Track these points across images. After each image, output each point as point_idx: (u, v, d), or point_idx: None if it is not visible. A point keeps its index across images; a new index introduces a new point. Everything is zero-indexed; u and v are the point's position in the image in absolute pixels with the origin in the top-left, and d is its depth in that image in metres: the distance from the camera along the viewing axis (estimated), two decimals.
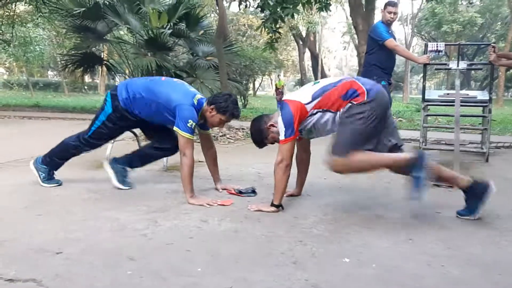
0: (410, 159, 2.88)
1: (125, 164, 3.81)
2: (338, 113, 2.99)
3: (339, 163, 2.95)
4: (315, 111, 3.03)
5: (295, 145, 3.28)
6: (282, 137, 3.04)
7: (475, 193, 2.95)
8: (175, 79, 3.75)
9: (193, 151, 3.36)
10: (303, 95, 3.07)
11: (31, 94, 24.72)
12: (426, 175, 2.80)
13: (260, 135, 3.28)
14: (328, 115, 3.03)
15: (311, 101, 3.02)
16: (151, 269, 2.11)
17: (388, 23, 5.59)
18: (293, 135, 3.02)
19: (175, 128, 3.33)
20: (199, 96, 3.51)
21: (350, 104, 2.94)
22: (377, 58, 5.56)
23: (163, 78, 3.75)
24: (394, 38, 5.66)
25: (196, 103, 3.41)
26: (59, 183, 3.76)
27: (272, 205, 3.11)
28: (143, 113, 3.56)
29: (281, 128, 3.04)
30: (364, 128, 2.90)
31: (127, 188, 3.71)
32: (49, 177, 3.76)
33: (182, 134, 3.30)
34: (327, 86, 3.05)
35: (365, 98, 2.90)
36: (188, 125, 3.30)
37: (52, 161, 3.77)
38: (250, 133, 3.41)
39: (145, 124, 3.74)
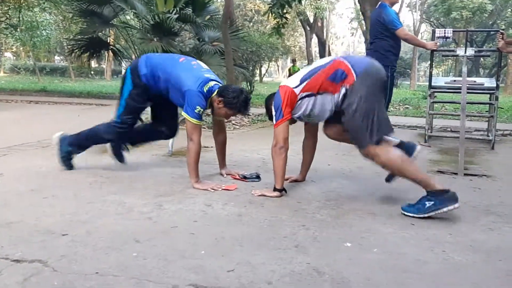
0: (438, 190, 2.75)
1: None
2: (336, 95, 2.97)
3: (370, 153, 2.89)
4: (304, 94, 3.03)
5: (304, 131, 3.44)
6: (274, 121, 3.10)
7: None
8: (194, 62, 3.67)
9: (200, 137, 3.38)
10: (293, 79, 3.11)
11: (38, 79, 24.75)
12: (436, 210, 2.70)
13: (268, 112, 3.32)
14: (321, 97, 3.02)
15: (299, 85, 3.04)
16: (156, 251, 2.13)
17: (392, 6, 5.50)
18: (282, 118, 3.05)
19: (183, 113, 3.34)
20: (212, 83, 3.42)
21: (343, 88, 2.92)
22: (391, 43, 5.43)
23: (182, 58, 3.65)
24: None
25: (206, 90, 3.36)
26: (70, 168, 3.79)
27: (275, 189, 3.13)
28: (161, 90, 3.53)
29: (273, 112, 3.10)
30: (367, 105, 2.87)
31: (119, 162, 3.80)
32: (67, 159, 3.76)
33: (189, 120, 3.31)
34: (315, 68, 3.05)
35: (354, 77, 2.89)
36: (196, 111, 3.29)
37: (77, 143, 3.77)
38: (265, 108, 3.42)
39: (159, 102, 3.71)
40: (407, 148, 3.08)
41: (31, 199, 2.95)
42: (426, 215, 2.71)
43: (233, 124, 7.04)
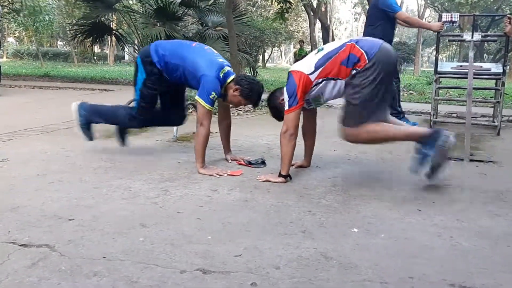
0: (425, 135, 2.89)
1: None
2: (347, 79, 2.99)
3: (351, 134, 2.98)
4: (320, 80, 3.04)
5: (303, 116, 3.37)
6: (286, 107, 3.07)
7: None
8: (206, 47, 3.68)
9: (210, 122, 3.37)
10: (306, 65, 3.08)
11: (41, 64, 24.65)
12: (435, 155, 2.83)
13: (277, 110, 3.29)
14: (333, 82, 3.04)
15: (314, 71, 3.03)
16: (163, 236, 2.14)
17: None
18: (296, 105, 3.04)
19: (196, 97, 3.32)
20: (227, 68, 3.45)
21: (354, 71, 2.94)
22: (383, 31, 5.37)
23: (194, 43, 3.68)
24: None
25: (222, 76, 3.37)
26: (90, 139, 3.81)
27: (280, 175, 3.12)
28: (176, 77, 3.52)
29: (285, 98, 3.07)
30: (371, 91, 2.90)
31: (122, 145, 3.85)
32: (87, 126, 3.74)
33: (203, 105, 3.29)
34: (329, 53, 3.03)
35: (366, 61, 2.89)
36: (211, 97, 3.28)
37: (95, 115, 3.75)
38: (269, 108, 3.42)
39: (167, 90, 3.70)
40: None
41: (37, 184, 2.95)
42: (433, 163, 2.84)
43: (237, 110, 7.02)
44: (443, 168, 2.92)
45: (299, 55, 15.66)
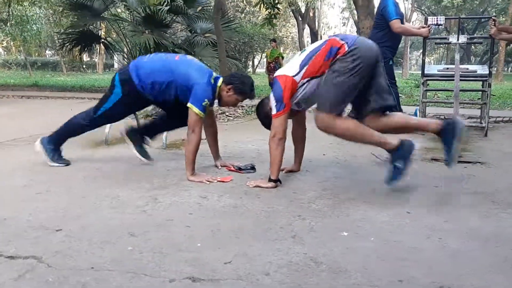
0: (396, 146, 2.95)
1: (143, 134, 3.86)
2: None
3: (325, 121, 2.97)
4: (305, 80, 3.04)
5: (292, 121, 3.38)
6: (274, 111, 3.07)
7: (448, 133, 3.04)
8: (189, 57, 3.69)
9: (202, 130, 3.36)
10: (291, 67, 3.09)
11: (30, 74, 24.56)
12: (406, 167, 2.92)
13: (269, 119, 3.23)
14: (319, 80, 3.03)
15: (299, 71, 3.03)
16: (152, 245, 2.12)
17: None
18: (283, 109, 3.04)
19: (189, 105, 3.29)
20: (215, 74, 3.49)
21: (335, 59, 2.95)
22: (389, 36, 5.38)
23: (177, 56, 3.63)
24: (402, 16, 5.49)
25: (213, 82, 3.39)
26: (67, 164, 3.72)
27: (270, 180, 3.11)
28: (163, 96, 3.48)
29: (272, 103, 3.07)
30: (348, 80, 2.90)
31: (146, 161, 3.78)
32: (57, 157, 3.72)
33: (195, 112, 3.27)
34: (312, 51, 3.05)
35: (346, 49, 2.91)
36: (203, 104, 3.28)
37: (58, 140, 3.74)
38: (259, 119, 3.43)
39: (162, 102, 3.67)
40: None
41: (24, 194, 2.92)
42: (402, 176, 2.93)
43: (227, 115, 7.01)
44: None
45: (271, 57, 13.28)
